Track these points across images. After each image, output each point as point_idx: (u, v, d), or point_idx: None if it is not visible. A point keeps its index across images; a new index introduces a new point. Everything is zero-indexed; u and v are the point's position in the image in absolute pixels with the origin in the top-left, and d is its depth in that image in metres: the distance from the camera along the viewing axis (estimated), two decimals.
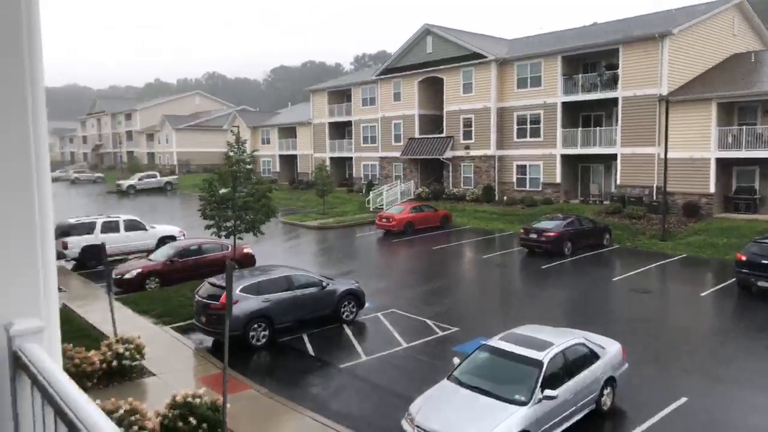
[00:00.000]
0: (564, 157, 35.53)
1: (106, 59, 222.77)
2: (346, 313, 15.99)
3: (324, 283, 15.86)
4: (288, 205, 42.11)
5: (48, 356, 1.53)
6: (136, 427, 8.56)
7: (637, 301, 18.08)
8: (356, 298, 16.28)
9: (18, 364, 1.58)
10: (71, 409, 1.27)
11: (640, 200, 30.90)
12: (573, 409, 9.72)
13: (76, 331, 14.56)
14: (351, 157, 50.72)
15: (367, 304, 16.71)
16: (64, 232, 22.88)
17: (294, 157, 59.35)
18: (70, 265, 23.02)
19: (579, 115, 36.20)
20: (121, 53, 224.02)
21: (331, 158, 52.08)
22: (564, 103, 35.20)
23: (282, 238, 31.18)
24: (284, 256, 25.82)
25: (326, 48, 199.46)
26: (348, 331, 15.46)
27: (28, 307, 1.70)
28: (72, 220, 23.87)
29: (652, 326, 15.58)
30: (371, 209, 38.77)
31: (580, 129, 35.04)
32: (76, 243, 22.77)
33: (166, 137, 77.76)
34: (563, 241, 24.36)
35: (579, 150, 34.68)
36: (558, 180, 35.81)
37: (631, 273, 21.36)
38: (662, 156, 28.73)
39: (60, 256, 22.47)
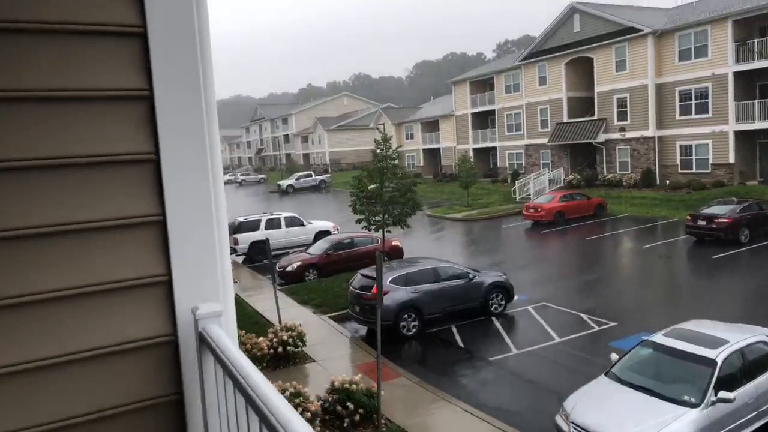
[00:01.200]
0: (738, 133, 31.61)
1: (264, 69, 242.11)
2: (494, 306, 15.83)
3: (470, 275, 15.84)
4: (433, 198, 42.54)
5: (227, 336, 1.78)
6: (300, 409, 9.28)
7: None
8: (504, 290, 16.05)
9: (203, 342, 1.85)
10: (248, 383, 1.47)
11: None
12: (753, 414, 8.70)
13: (246, 318, 16.14)
14: (495, 147, 49.83)
15: (516, 297, 16.40)
16: (235, 229, 25.39)
17: (437, 150, 59.76)
18: (240, 259, 25.48)
19: (755, 86, 31.92)
20: (277, 62, 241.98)
21: (474, 149, 51.57)
22: (736, 73, 31.29)
23: (428, 231, 31.62)
24: (431, 248, 26.16)
25: (467, 38, 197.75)
26: (497, 323, 15.29)
27: (210, 294, 1.97)
28: (241, 219, 26.36)
29: None
30: (517, 199, 37.78)
31: (757, 101, 30.92)
32: (245, 239, 25.11)
33: (319, 138, 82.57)
34: (739, 228, 21.73)
35: (757, 125, 30.60)
36: (731, 159, 31.97)
37: None
38: None
39: (231, 251, 25.01)
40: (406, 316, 14.64)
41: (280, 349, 12.94)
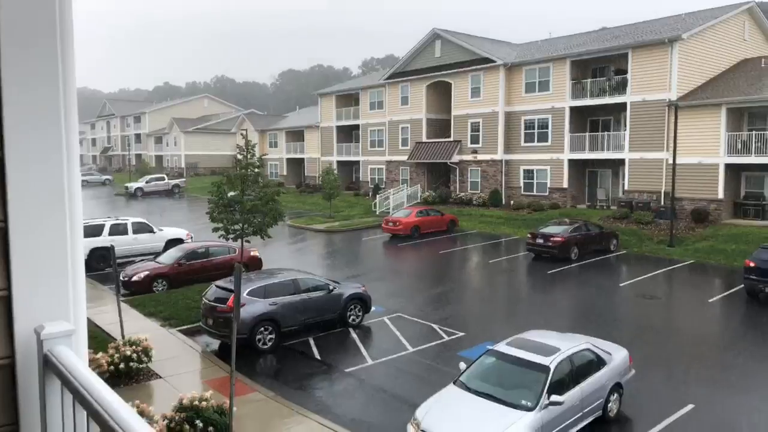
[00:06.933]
0: (571, 161, 35.45)
1: (116, 62, 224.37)
2: (352, 317, 16.01)
3: (331, 287, 15.89)
4: (295, 209, 42.22)
5: (78, 359, 1.57)
6: None
7: (644, 307, 17.99)
8: (363, 302, 16.30)
9: (48, 366, 1.61)
10: (105, 410, 1.30)
11: (648, 206, 30.76)
12: (579, 415, 9.68)
13: None
14: (358, 161, 50.83)
15: (373, 308, 16.73)
16: None
17: (301, 160, 59.56)
18: None
19: (587, 120, 36.12)
20: (131, 56, 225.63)
21: (339, 162, 52.20)
22: (572, 108, 35.14)
23: (289, 242, 31.26)
24: (291, 259, 25.90)
25: (334, 51, 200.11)
26: (354, 335, 15.47)
27: (59, 310, 1.73)
28: None
29: (659, 332, 15.51)
30: (378, 213, 38.81)
31: (588, 134, 34.96)
32: (85, 245, 22.86)
33: (175, 140, 78.20)
34: (570, 246, 24.28)
35: (587, 155, 34.59)
36: (565, 185, 35.72)
37: (638, 279, 21.27)
38: (671, 161, 28.61)
39: None
40: (262, 329, 14.26)
41: (122, 366, 11.92)
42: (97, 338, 14.25)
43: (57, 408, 1.62)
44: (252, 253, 21.76)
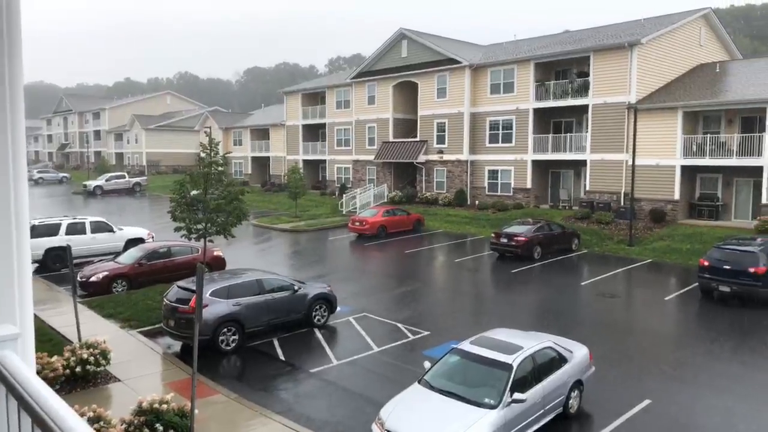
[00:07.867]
0: (535, 162, 36.02)
1: (74, 56, 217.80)
2: (317, 317, 15.92)
3: (296, 287, 15.75)
4: (260, 208, 41.77)
5: (24, 365, 1.50)
6: None
7: (604, 305, 18.42)
8: (328, 302, 16.22)
9: None
10: (51, 418, 1.24)
11: (608, 206, 31.50)
12: (541, 412, 9.84)
13: (37, 336, 14.16)
14: (324, 160, 50.58)
15: (339, 308, 16.67)
16: None
17: (267, 159, 58.94)
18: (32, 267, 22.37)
19: (550, 122, 36.76)
20: (90, 51, 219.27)
21: (305, 161, 51.85)
22: (536, 109, 35.71)
23: (253, 241, 30.90)
24: (255, 259, 25.60)
25: (300, 50, 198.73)
26: (319, 335, 15.38)
27: (3, 314, 1.66)
28: (35, 221, 23.24)
29: (618, 330, 15.90)
30: (344, 212, 38.70)
31: (551, 135, 35.58)
32: (39, 245, 22.15)
33: (136, 137, 76.43)
34: (533, 246, 24.68)
35: (549, 156, 35.21)
36: (529, 185, 36.29)
37: (599, 277, 21.75)
38: (630, 163, 29.35)
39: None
40: (225, 330, 14.05)
41: (78, 369, 11.57)
42: (53, 341, 13.81)
43: (2, 415, 1.55)
44: (215, 253, 21.43)
